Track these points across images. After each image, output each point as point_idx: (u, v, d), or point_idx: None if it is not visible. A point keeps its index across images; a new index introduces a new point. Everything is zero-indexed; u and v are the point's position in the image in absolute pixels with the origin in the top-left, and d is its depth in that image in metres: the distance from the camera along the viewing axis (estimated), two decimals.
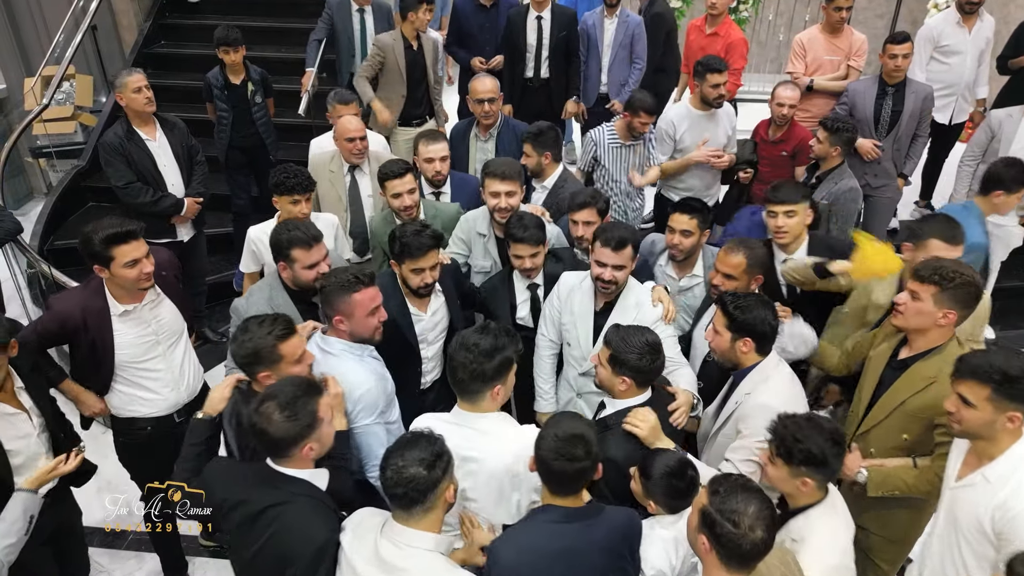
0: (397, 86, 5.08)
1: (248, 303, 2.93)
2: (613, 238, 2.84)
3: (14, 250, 4.55)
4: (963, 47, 5.20)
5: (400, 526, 1.94)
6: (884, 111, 4.70)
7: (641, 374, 2.42)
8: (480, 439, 2.26)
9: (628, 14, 5.44)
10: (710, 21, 5.33)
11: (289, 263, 2.88)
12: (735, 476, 1.90)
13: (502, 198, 3.33)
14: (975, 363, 2.09)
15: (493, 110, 4.24)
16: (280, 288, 2.97)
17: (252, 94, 4.93)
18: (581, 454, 1.97)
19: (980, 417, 2.08)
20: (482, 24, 5.44)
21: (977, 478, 2.15)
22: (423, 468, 1.89)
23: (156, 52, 6.80)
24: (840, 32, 5.10)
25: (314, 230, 2.91)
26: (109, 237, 2.69)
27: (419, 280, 2.92)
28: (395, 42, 5.00)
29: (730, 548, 1.78)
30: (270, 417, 2.01)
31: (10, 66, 6.83)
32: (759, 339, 2.53)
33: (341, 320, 2.55)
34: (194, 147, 4.42)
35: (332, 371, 2.49)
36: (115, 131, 4.16)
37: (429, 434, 1.99)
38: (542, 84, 5.38)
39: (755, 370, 2.56)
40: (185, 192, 4.33)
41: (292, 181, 3.34)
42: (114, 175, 4.15)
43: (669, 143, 4.48)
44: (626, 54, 5.42)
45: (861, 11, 7.89)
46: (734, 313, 2.52)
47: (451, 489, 1.97)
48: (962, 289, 2.42)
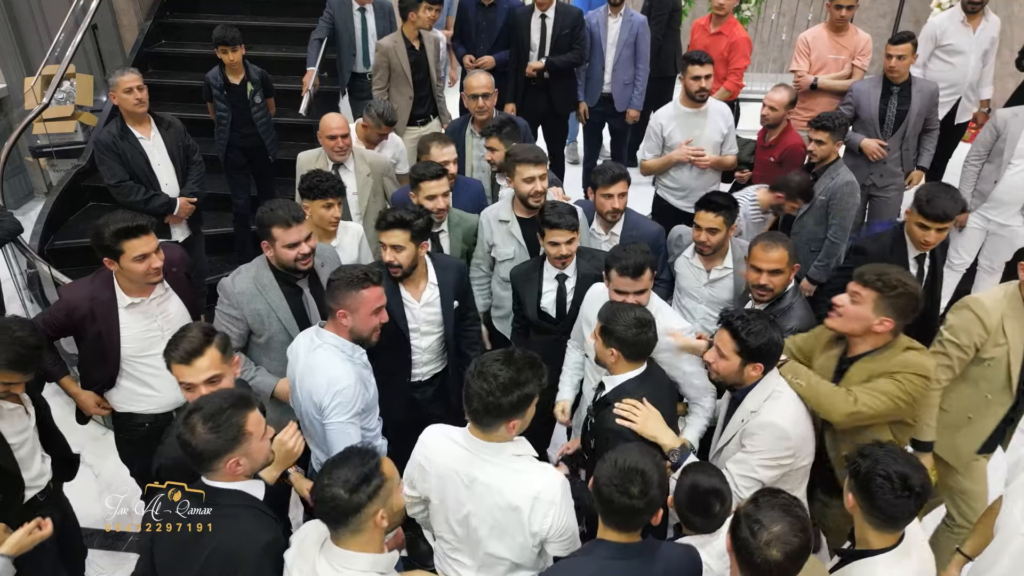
0: (403, 88, 5.09)
1: (235, 281, 2.96)
2: (629, 267, 2.70)
3: (14, 250, 4.53)
4: (966, 46, 5.18)
5: (336, 547, 1.89)
6: (889, 111, 4.68)
7: (627, 346, 2.46)
8: (488, 467, 2.11)
9: (632, 13, 5.42)
10: (715, 21, 5.32)
11: (271, 242, 2.89)
12: (785, 495, 1.84)
13: (536, 182, 3.39)
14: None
15: (487, 106, 4.25)
16: (266, 267, 2.98)
17: (252, 94, 4.91)
18: (636, 492, 1.83)
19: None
20: (480, 23, 5.46)
21: None
22: (345, 491, 1.82)
23: (157, 51, 6.78)
24: (845, 31, 5.08)
25: (296, 210, 2.90)
26: (120, 231, 2.76)
27: (384, 255, 2.99)
28: (396, 44, 5.00)
29: (743, 555, 1.77)
30: (194, 429, 1.95)
31: (10, 65, 6.81)
32: (769, 362, 2.45)
33: (344, 315, 2.56)
34: (190, 147, 4.40)
35: (315, 362, 2.55)
36: (109, 129, 4.17)
37: (365, 451, 1.90)
38: (544, 83, 5.36)
39: (757, 387, 2.48)
40: (180, 192, 4.31)
41: (326, 184, 3.32)
42: (107, 173, 4.16)
43: (656, 141, 4.47)
44: (630, 53, 5.40)
45: (864, 10, 7.87)
46: (747, 339, 2.38)
47: (379, 515, 1.87)
48: (903, 299, 2.47)
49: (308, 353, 2.61)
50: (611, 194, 3.40)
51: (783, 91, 4.43)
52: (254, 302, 2.93)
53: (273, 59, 6.26)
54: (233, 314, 2.93)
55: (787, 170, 4.41)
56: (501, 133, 3.89)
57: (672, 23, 5.93)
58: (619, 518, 1.88)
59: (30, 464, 2.64)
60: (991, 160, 4.55)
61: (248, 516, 2.01)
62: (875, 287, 2.47)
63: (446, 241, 3.59)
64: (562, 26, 5.22)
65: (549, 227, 3.13)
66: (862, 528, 1.98)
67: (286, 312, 2.97)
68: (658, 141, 4.47)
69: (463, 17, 5.55)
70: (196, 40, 6.71)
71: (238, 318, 2.93)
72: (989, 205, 4.62)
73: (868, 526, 1.95)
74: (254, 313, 2.93)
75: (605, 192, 3.41)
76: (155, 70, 6.65)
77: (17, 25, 6.96)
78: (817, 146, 4.02)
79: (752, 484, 2.41)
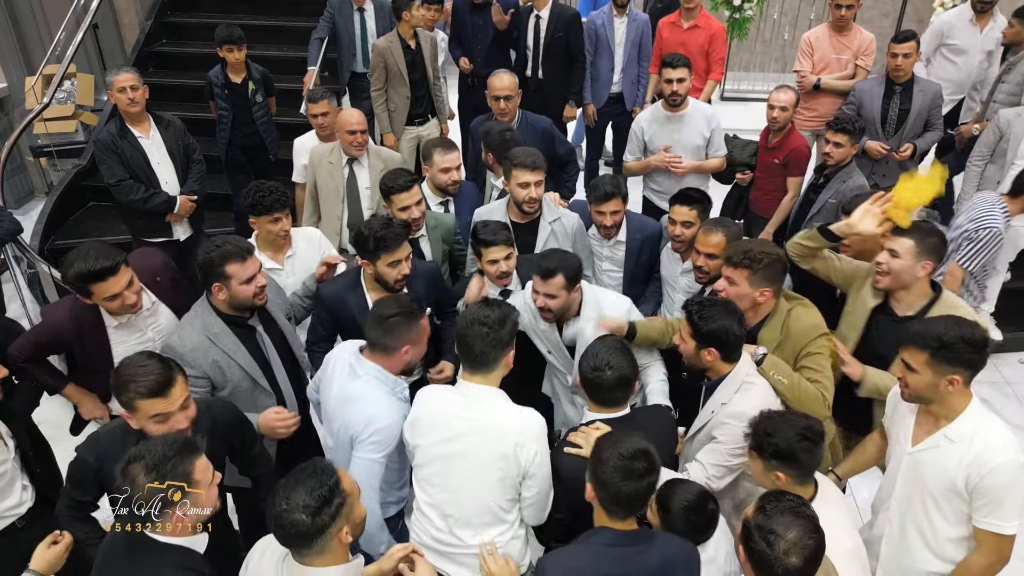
0: (400, 88, 5.07)
1: (182, 339, 2.67)
2: (541, 267, 2.82)
3: (14, 250, 4.52)
4: (972, 46, 5.16)
5: (299, 564, 1.81)
6: (891, 110, 4.65)
7: (592, 389, 2.39)
8: (479, 406, 2.29)
9: (636, 13, 5.41)
10: (685, 15, 5.20)
11: (224, 282, 2.63)
12: (790, 497, 1.86)
13: (531, 188, 3.34)
14: (916, 330, 2.23)
15: (510, 107, 4.21)
16: (212, 314, 2.71)
17: (253, 93, 4.91)
18: (645, 467, 1.91)
19: (923, 380, 2.20)
20: (475, 23, 5.43)
21: (939, 440, 2.24)
22: (307, 515, 1.71)
23: (158, 51, 6.77)
24: (847, 31, 5.06)
25: (243, 241, 2.73)
26: (84, 274, 2.57)
27: (396, 272, 2.87)
28: (391, 44, 4.99)
29: (762, 567, 1.77)
30: (135, 481, 1.80)
31: (11, 65, 6.80)
32: (723, 348, 2.47)
33: (408, 350, 2.47)
34: (191, 145, 4.39)
35: (354, 393, 2.43)
36: (108, 129, 4.16)
37: (322, 469, 1.80)
38: (538, 84, 5.35)
39: (728, 379, 2.52)
40: (180, 190, 4.30)
41: (270, 199, 3.13)
42: (106, 172, 4.15)
43: (638, 143, 4.45)
44: (636, 52, 5.39)
45: (867, 10, 7.85)
46: (698, 323, 2.46)
47: (344, 531, 1.79)
48: (771, 268, 2.64)
49: (346, 379, 2.49)
50: (603, 211, 3.35)
51: (789, 91, 4.39)
52: (210, 354, 2.67)
53: (274, 58, 6.26)
54: (192, 374, 2.59)
55: (791, 172, 4.39)
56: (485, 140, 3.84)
57: None
58: (624, 505, 1.92)
59: (7, 495, 2.53)
60: (994, 160, 4.53)
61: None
62: (744, 266, 2.64)
63: (427, 246, 3.51)
64: (556, 28, 5.18)
65: (485, 245, 3.06)
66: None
67: (246, 358, 2.74)
68: (639, 144, 4.45)
69: (457, 19, 5.51)
70: (197, 39, 6.70)
71: (199, 376, 2.66)
72: None
73: (796, 487, 2.12)
74: (213, 366, 2.68)
75: (598, 209, 3.38)
76: (156, 69, 6.65)
77: (18, 24, 6.96)
78: (835, 148, 3.96)
79: (723, 472, 2.50)
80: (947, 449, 2.21)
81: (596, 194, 3.37)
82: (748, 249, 2.66)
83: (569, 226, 3.54)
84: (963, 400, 2.21)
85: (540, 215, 3.46)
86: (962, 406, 2.21)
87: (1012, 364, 5.05)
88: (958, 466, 2.17)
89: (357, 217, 4.07)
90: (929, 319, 2.36)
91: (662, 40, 5.30)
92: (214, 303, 2.72)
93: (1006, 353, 5.11)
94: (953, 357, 2.14)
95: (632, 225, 3.52)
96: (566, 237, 3.53)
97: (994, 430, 2.19)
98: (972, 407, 2.22)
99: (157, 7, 6.89)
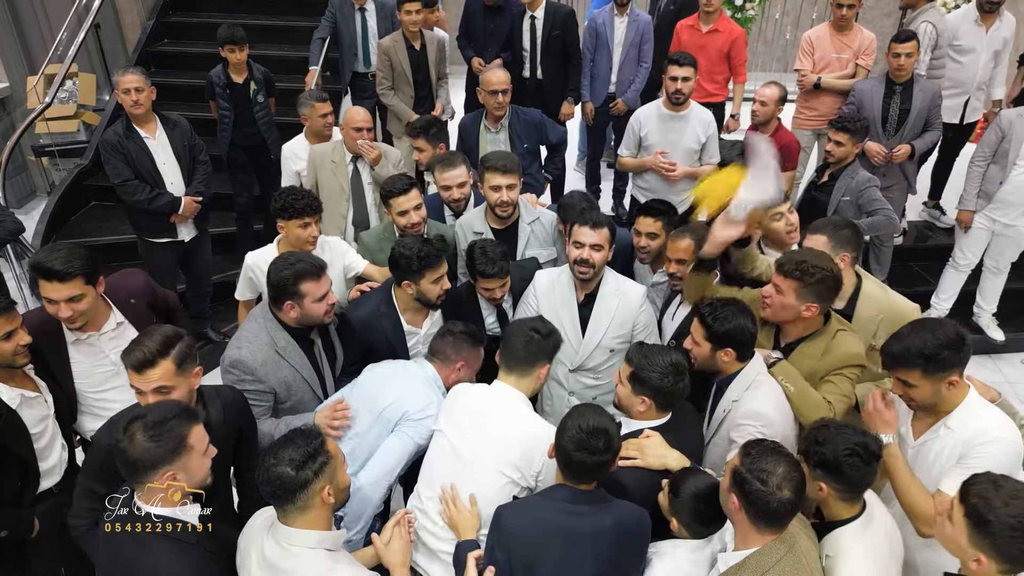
0: (404, 87, 5.10)
1: (253, 355, 2.60)
2: (590, 218, 2.91)
3: (16, 250, 4.53)
4: (978, 45, 5.13)
5: (283, 525, 1.93)
6: (892, 110, 4.65)
7: (662, 395, 2.32)
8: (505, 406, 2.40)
9: (638, 13, 5.39)
10: (704, 18, 5.19)
11: (298, 300, 2.59)
12: (768, 441, 1.96)
13: (503, 191, 3.31)
14: (896, 352, 2.21)
15: (505, 102, 4.23)
16: (279, 329, 2.67)
17: (255, 93, 4.91)
18: (601, 447, 1.99)
19: (925, 391, 2.21)
20: (487, 26, 5.42)
21: (940, 430, 2.27)
22: (291, 468, 1.87)
23: (159, 50, 6.77)
24: (849, 30, 5.05)
25: (317, 259, 2.70)
26: (34, 267, 2.53)
27: (439, 288, 2.88)
28: (395, 44, 5.00)
29: (759, 506, 1.84)
30: (134, 437, 1.87)
31: (13, 64, 6.81)
32: (739, 347, 2.47)
33: (463, 367, 2.67)
34: (197, 146, 4.38)
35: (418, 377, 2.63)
36: (115, 129, 4.15)
37: (308, 432, 1.97)
38: (537, 84, 5.35)
39: (739, 376, 2.50)
40: (185, 191, 4.30)
41: (301, 203, 3.10)
42: (112, 172, 4.14)
43: (633, 139, 4.45)
44: (636, 53, 5.37)
45: (869, 9, 7.84)
46: (713, 325, 2.45)
47: (327, 490, 1.92)
48: (822, 284, 2.53)
49: (406, 364, 2.71)
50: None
51: (774, 87, 4.40)
52: (280, 370, 2.64)
53: (275, 58, 6.26)
54: (259, 388, 2.61)
55: (782, 167, 4.37)
56: (428, 134, 3.86)
57: None
58: (586, 474, 2.04)
59: (48, 454, 2.57)
60: (996, 161, 4.52)
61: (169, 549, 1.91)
62: (794, 277, 2.53)
63: None
64: (552, 27, 5.17)
65: (484, 277, 3.02)
66: (831, 505, 2.09)
67: (310, 371, 2.74)
68: (635, 139, 4.44)
69: (469, 19, 5.52)
70: (199, 39, 6.71)
71: (266, 391, 2.63)
72: (995, 206, 4.60)
73: (839, 502, 2.06)
74: (281, 382, 2.65)
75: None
76: (157, 69, 6.65)
77: (20, 24, 6.97)
78: (836, 147, 3.99)
79: None
80: (946, 436, 2.25)
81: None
82: (803, 260, 2.54)
83: (548, 224, 3.52)
84: (961, 392, 2.24)
85: (519, 218, 3.44)
86: (960, 397, 2.24)
87: (1014, 364, 5.05)
88: (957, 443, 2.21)
89: (362, 214, 4.07)
90: (899, 333, 2.26)
91: (680, 43, 5.27)
92: (281, 318, 2.66)
93: (1008, 353, 5.11)
94: (942, 363, 2.16)
95: None
96: (547, 236, 3.53)
97: (991, 413, 2.24)
98: (970, 397, 2.25)
99: (159, 7, 6.89)
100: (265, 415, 2.66)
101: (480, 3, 5.38)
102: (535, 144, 4.41)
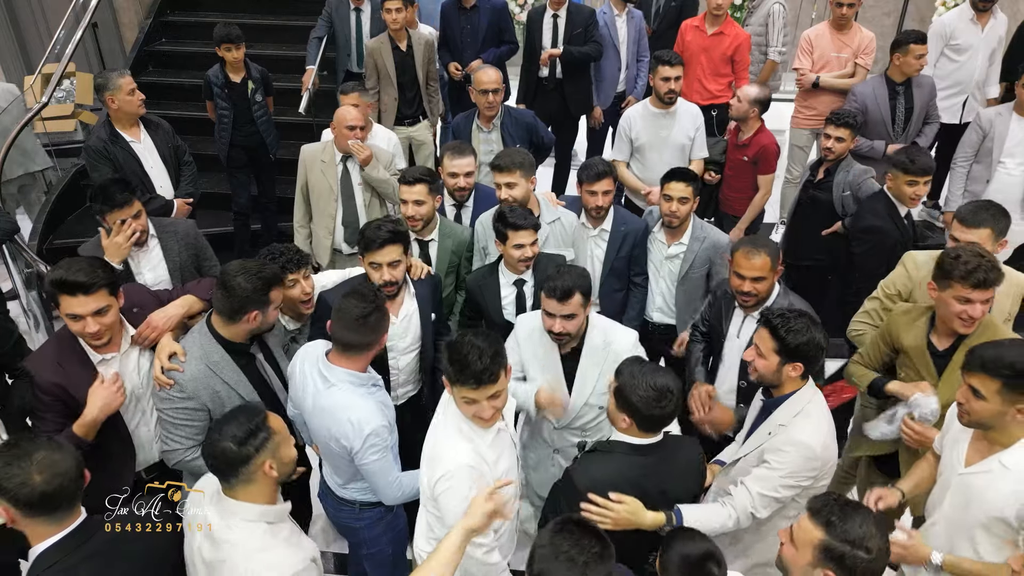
0: (388, 88, 5.09)
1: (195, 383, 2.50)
2: (557, 288, 2.59)
3: (11, 249, 4.51)
4: (975, 44, 5.12)
5: (226, 497, 2.01)
6: (898, 110, 4.66)
7: (640, 417, 2.22)
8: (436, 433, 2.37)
9: (633, 11, 5.41)
10: (711, 20, 5.17)
11: (264, 308, 2.55)
12: (835, 497, 1.86)
13: (502, 190, 3.36)
14: (987, 357, 2.09)
15: (496, 101, 4.22)
16: (212, 342, 2.56)
17: (252, 92, 4.89)
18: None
19: (990, 409, 2.09)
20: (463, 27, 5.40)
21: (993, 464, 2.14)
22: (233, 444, 1.94)
23: (157, 50, 6.76)
24: (848, 29, 5.04)
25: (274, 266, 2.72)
26: (55, 283, 2.38)
27: (376, 276, 2.83)
28: (381, 45, 5.00)
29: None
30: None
31: (10, 63, 6.81)
32: (810, 363, 2.37)
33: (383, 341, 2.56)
34: (180, 147, 4.36)
35: (332, 404, 2.41)
36: (98, 135, 4.08)
37: (251, 408, 2.07)
38: (556, 85, 5.33)
39: (791, 400, 2.40)
40: (175, 193, 4.28)
41: (281, 260, 2.84)
42: (99, 179, 4.02)
43: (625, 140, 4.44)
44: (636, 49, 5.41)
45: (868, 8, 7.81)
46: (786, 337, 2.32)
47: (268, 465, 1.99)
48: None
49: (319, 394, 2.45)
50: (595, 191, 3.39)
51: (755, 88, 4.37)
52: (211, 384, 2.52)
53: (273, 57, 6.24)
54: (190, 406, 2.50)
55: (762, 169, 4.36)
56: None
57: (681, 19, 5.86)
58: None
59: None
60: (980, 160, 4.53)
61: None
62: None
63: (434, 250, 3.48)
64: (575, 25, 5.16)
65: (513, 229, 2.98)
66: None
67: (247, 387, 2.60)
68: (627, 141, 4.43)
69: (445, 24, 5.47)
70: (196, 38, 6.68)
71: (198, 408, 2.52)
72: None
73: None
74: (213, 397, 2.53)
75: (590, 189, 3.41)
76: (155, 68, 6.64)
77: (17, 23, 6.96)
78: (837, 143, 3.98)
79: (771, 503, 2.36)
80: (1000, 475, 2.12)
81: (588, 173, 3.38)
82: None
83: (568, 225, 3.54)
84: (1023, 428, 2.11)
85: (539, 216, 3.43)
86: (1021, 432, 2.11)
87: None
88: (1009, 496, 2.09)
89: (352, 215, 4.07)
90: (997, 342, 2.19)
91: (684, 43, 5.24)
92: (217, 329, 2.57)
93: None
94: None
95: (618, 217, 3.53)
96: (566, 236, 3.53)
97: None
98: None
99: (156, 6, 6.87)
100: (200, 435, 2.51)
101: (454, 5, 5.36)
102: (527, 144, 4.40)
